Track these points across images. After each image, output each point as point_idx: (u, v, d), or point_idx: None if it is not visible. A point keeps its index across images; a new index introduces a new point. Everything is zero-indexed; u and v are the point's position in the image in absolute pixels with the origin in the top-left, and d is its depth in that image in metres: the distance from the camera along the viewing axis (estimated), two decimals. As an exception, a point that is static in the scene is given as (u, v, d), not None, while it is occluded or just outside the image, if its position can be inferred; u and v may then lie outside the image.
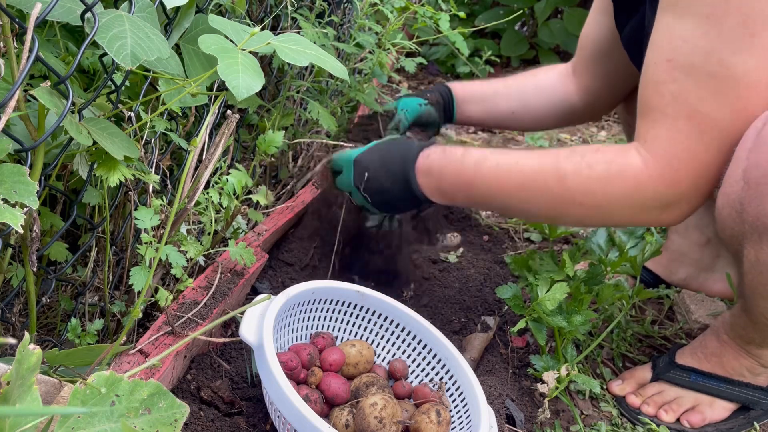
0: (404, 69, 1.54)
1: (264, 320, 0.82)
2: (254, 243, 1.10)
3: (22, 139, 0.63)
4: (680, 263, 1.35)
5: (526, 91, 1.38)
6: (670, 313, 1.36)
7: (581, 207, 0.94)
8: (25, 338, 0.46)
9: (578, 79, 1.34)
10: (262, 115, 1.38)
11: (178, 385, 0.89)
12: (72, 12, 0.67)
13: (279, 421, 0.78)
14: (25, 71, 0.58)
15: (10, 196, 0.56)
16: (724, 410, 1.05)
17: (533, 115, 1.39)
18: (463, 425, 0.88)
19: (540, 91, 1.38)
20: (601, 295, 1.10)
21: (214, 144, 0.88)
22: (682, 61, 0.84)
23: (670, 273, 1.36)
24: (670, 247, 1.34)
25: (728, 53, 0.81)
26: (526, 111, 1.39)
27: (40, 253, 0.75)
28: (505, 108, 1.39)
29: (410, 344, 1.00)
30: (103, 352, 0.74)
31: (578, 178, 0.92)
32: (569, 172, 0.93)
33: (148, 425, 0.53)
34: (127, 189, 0.88)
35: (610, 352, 1.23)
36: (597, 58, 1.29)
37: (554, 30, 2.78)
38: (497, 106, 1.40)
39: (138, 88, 0.89)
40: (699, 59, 0.83)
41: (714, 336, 1.05)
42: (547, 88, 1.38)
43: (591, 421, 1.06)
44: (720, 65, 0.81)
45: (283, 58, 0.71)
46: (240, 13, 1.06)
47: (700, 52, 0.82)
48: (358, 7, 1.41)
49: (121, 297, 0.96)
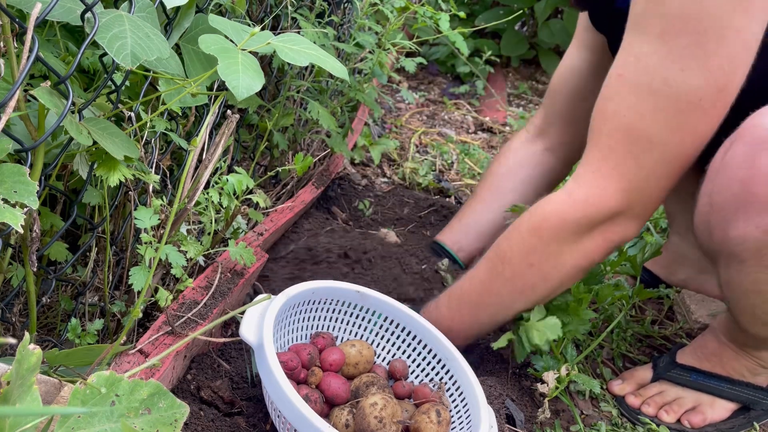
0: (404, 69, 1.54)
1: (264, 320, 0.82)
2: (254, 243, 1.10)
3: (22, 139, 0.63)
4: (680, 264, 1.35)
5: (502, 190, 1.32)
6: (670, 313, 1.36)
7: (533, 269, 0.95)
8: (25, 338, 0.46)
9: (549, 140, 1.29)
10: (262, 115, 1.38)
11: (178, 385, 0.89)
12: (72, 12, 0.67)
13: (279, 421, 0.78)
14: (25, 71, 0.58)
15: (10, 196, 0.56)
16: (725, 410, 1.05)
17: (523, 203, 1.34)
18: (463, 425, 0.88)
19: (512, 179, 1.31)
20: (601, 295, 1.10)
21: (214, 144, 0.88)
22: (629, 77, 0.85)
23: (669, 274, 1.37)
24: (670, 248, 1.34)
25: (675, 71, 0.80)
26: None
27: (40, 253, 0.75)
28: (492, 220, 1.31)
29: (410, 344, 1.00)
30: (103, 352, 0.74)
31: (515, 246, 0.96)
32: (506, 248, 0.97)
33: (148, 425, 0.53)
34: (127, 189, 0.88)
35: (610, 352, 1.23)
36: (577, 100, 1.23)
37: (554, 30, 2.79)
38: (486, 223, 1.32)
39: (138, 88, 0.89)
40: (645, 77, 0.83)
41: (713, 336, 1.05)
42: (517, 170, 1.32)
43: (591, 421, 1.06)
44: (664, 83, 0.81)
45: (283, 58, 0.71)
46: (240, 13, 1.06)
47: (647, 70, 0.83)
48: (358, 7, 1.41)
49: (121, 297, 0.96)
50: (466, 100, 2.55)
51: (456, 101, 2.52)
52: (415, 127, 2.21)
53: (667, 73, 0.81)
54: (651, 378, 1.10)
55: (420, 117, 2.34)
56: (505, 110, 2.47)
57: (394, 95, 2.51)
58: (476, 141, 2.17)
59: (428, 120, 2.33)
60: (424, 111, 2.40)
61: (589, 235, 0.91)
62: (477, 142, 2.16)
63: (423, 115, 2.36)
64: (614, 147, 0.87)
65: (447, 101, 2.50)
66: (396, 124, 2.20)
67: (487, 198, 1.33)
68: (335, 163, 1.56)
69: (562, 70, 1.27)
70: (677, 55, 0.80)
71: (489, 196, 1.33)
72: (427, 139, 2.11)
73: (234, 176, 1.00)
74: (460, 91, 2.61)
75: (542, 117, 1.31)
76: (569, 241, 0.92)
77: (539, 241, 0.93)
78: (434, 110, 2.43)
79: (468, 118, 2.40)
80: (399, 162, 1.90)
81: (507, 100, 2.63)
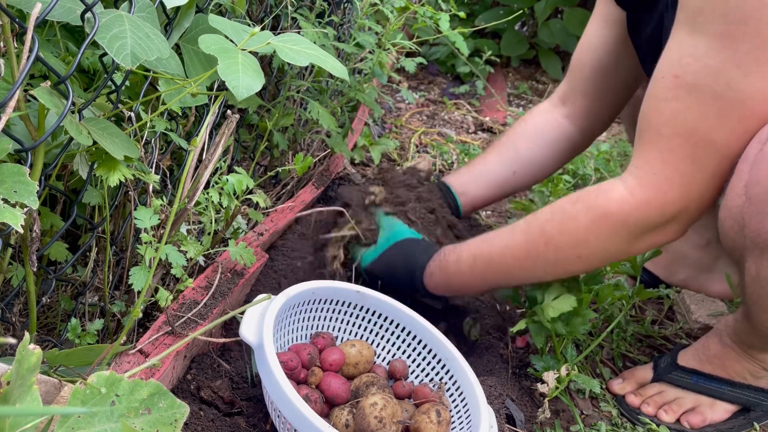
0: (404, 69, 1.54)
1: (264, 320, 0.82)
2: (254, 243, 1.10)
3: (22, 139, 0.63)
4: (680, 264, 1.34)
5: (518, 147, 1.33)
6: (670, 313, 1.36)
7: (579, 260, 0.95)
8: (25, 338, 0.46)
9: (571, 108, 1.30)
10: (262, 115, 1.38)
11: (178, 385, 0.89)
12: (72, 12, 0.67)
13: (279, 421, 0.78)
14: (25, 71, 0.58)
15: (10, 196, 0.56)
16: (725, 412, 1.05)
17: (533, 165, 1.33)
18: (463, 425, 0.88)
19: (531, 139, 1.32)
20: (601, 295, 1.10)
21: (214, 144, 0.88)
22: (689, 79, 0.82)
23: (669, 274, 1.36)
24: (670, 248, 1.34)
25: (739, 75, 0.79)
26: (524, 165, 1.33)
27: (40, 253, 0.75)
28: (503, 173, 1.33)
29: (410, 344, 1.00)
30: (103, 352, 0.74)
31: (567, 236, 0.94)
32: (555, 234, 0.95)
33: (148, 425, 0.53)
34: (127, 189, 0.88)
35: (610, 352, 1.23)
36: (597, 76, 1.24)
37: (554, 30, 2.79)
38: (496, 175, 1.34)
39: (138, 88, 0.89)
40: (707, 79, 0.81)
41: (716, 338, 1.05)
42: (537, 132, 1.32)
43: (591, 421, 1.06)
44: (728, 87, 0.80)
45: (283, 58, 0.71)
46: (240, 13, 1.06)
47: (709, 71, 0.80)
48: (358, 7, 1.41)
49: (121, 297, 0.96)
50: (466, 100, 2.55)
51: (456, 101, 2.52)
52: (415, 127, 2.21)
53: (730, 76, 0.79)
54: (651, 378, 1.10)
55: (420, 117, 2.34)
56: (505, 110, 2.47)
57: (394, 95, 2.51)
58: (476, 141, 2.17)
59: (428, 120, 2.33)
60: (424, 111, 2.40)
61: (643, 237, 0.91)
62: (477, 142, 2.16)
63: (423, 115, 2.36)
64: (675, 150, 0.85)
65: (447, 101, 2.50)
66: (396, 124, 2.20)
67: (501, 152, 1.34)
68: (335, 163, 1.55)
69: (583, 44, 1.26)
70: (740, 59, 0.78)
71: (504, 151, 1.34)
72: (427, 139, 2.11)
73: (234, 176, 1.00)
74: (460, 91, 2.61)
75: (566, 85, 1.31)
76: (624, 241, 0.91)
77: (595, 237, 0.92)
78: (434, 110, 2.43)
79: (468, 118, 2.40)
80: (399, 162, 1.90)
81: (507, 100, 2.63)
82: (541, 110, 1.34)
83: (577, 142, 1.32)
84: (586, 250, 0.94)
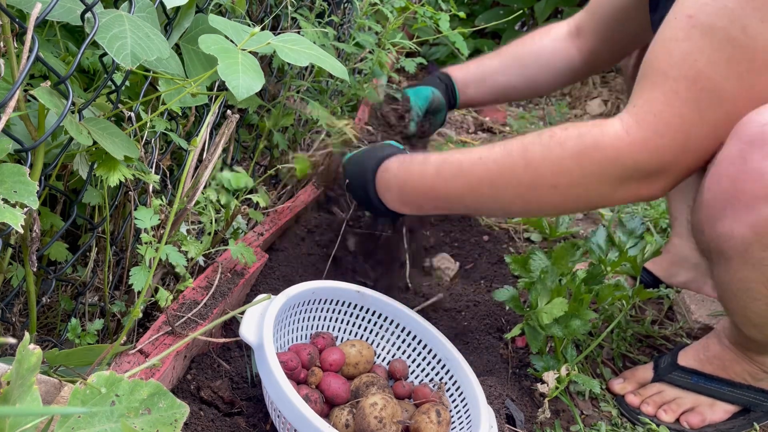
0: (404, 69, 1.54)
1: (264, 320, 0.82)
2: (254, 243, 1.10)
3: (22, 139, 0.63)
4: (680, 267, 1.34)
5: (526, 63, 1.34)
6: (670, 313, 1.36)
7: (555, 190, 0.87)
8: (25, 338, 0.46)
9: (583, 41, 1.29)
10: (262, 115, 1.38)
11: (178, 385, 0.89)
12: (72, 12, 0.67)
13: (279, 421, 0.78)
14: (25, 71, 0.58)
15: (10, 196, 0.56)
16: (725, 412, 1.05)
17: (534, 83, 1.36)
18: (463, 425, 0.88)
19: (540, 59, 1.34)
20: (601, 295, 1.10)
21: (214, 144, 0.88)
22: (704, 19, 0.78)
23: (670, 276, 1.36)
24: (671, 250, 1.34)
25: (755, 20, 0.75)
26: (526, 81, 1.35)
27: (40, 253, 0.75)
28: (505, 83, 1.36)
29: (410, 344, 1.00)
30: (103, 352, 0.74)
31: (548, 160, 0.86)
32: (537, 156, 0.87)
33: (148, 425, 0.53)
34: (127, 189, 0.88)
35: (610, 352, 1.23)
36: (611, 22, 1.22)
37: (554, 30, 2.78)
38: (497, 83, 1.37)
39: (138, 88, 0.89)
40: (723, 20, 0.77)
41: (716, 339, 1.05)
42: (547, 54, 1.33)
43: (591, 421, 1.06)
44: (743, 32, 0.76)
45: (283, 58, 0.71)
46: (240, 13, 1.06)
47: (726, 13, 0.76)
48: (358, 7, 1.41)
49: (121, 297, 0.96)
50: (466, 100, 2.55)
51: (456, 101, 2.51)
52: (415, 127, 2.20)
53: (747, 20, 0.75)
54: (652, 378, 1.10)
55: (420, 117, 2.34)
56: (505, 110, 2.47)
57: (394, 95, 2.51)
58: (476, 141, 2.17)
59: (428, 120, 2.33)
60: (424, 111, 2.40)
61: (627, 184, 0.85)
62: (477, 142, 2.16)
63: (423, 115, 2.36)
64: (680, 93, 0.80)
65: (447, 101, 2.50)
66: (396, 124, 2.19)
67: (509, 62, 1.36)
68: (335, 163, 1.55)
69: None
70: (759, 3, 0.75)
71: (512, 61, 1.35)
72: (427, 139, 2.11)
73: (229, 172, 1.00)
74: (460, 91, 2.61)
75: (583, 19, 1.30)
76: (607, 182, 0.85)
77: (579, 169, 0.85)
78: (434, 110, 2.43)
79: (468, 117, 2.40)
80: (399, 162, 1.89)
81: (507, 100, 2.63)
82: (558, 36, 1.33)
83: (581, 71, 1.34)
84: (565, 181, 0.86)
